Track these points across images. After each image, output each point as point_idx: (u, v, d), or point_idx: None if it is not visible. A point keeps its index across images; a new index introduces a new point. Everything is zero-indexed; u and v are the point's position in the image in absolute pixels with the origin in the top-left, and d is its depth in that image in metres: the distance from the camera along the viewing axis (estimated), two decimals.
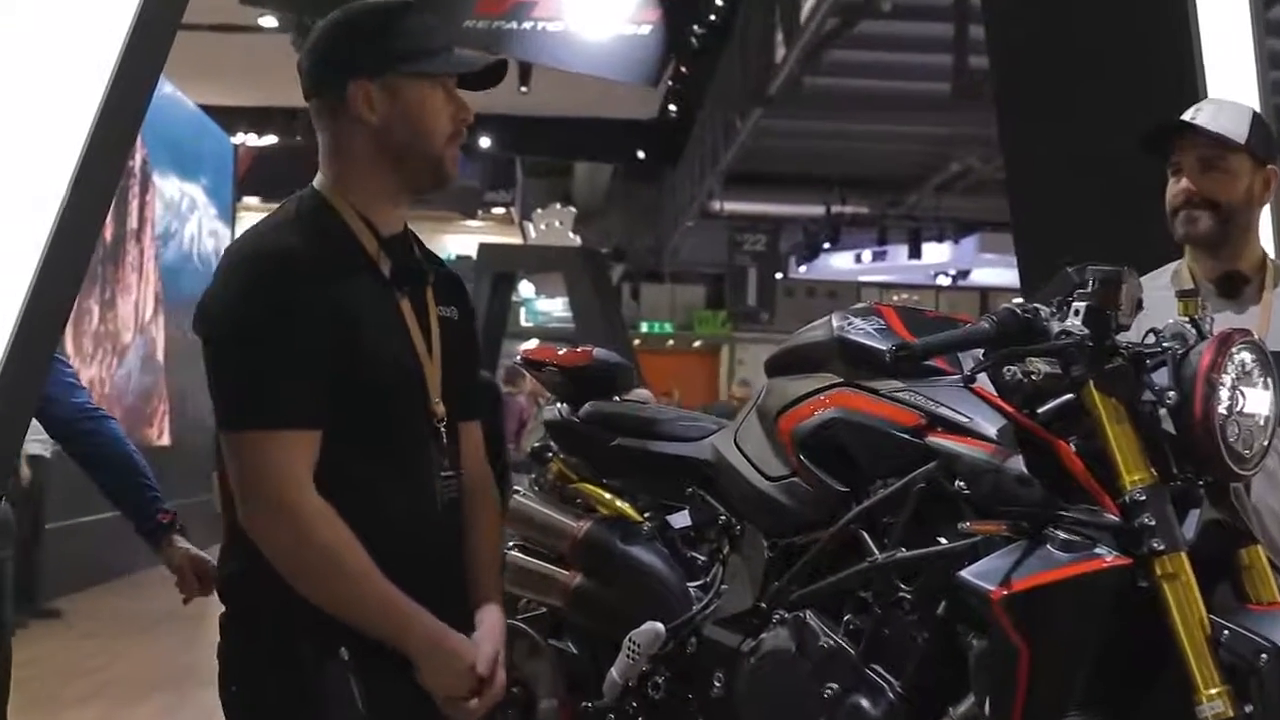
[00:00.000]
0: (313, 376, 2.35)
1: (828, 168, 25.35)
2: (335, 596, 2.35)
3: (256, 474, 2.34)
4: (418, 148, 2.49)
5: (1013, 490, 2.67)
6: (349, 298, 2.41)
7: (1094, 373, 2.67)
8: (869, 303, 3.25)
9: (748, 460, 3.20)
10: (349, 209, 2.49)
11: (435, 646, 2.39)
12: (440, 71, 2.49)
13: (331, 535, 2.34)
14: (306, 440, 2.35)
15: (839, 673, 2.84)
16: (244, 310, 2.36)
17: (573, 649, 3.50)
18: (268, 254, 2.41)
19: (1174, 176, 3.35)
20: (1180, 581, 2.55)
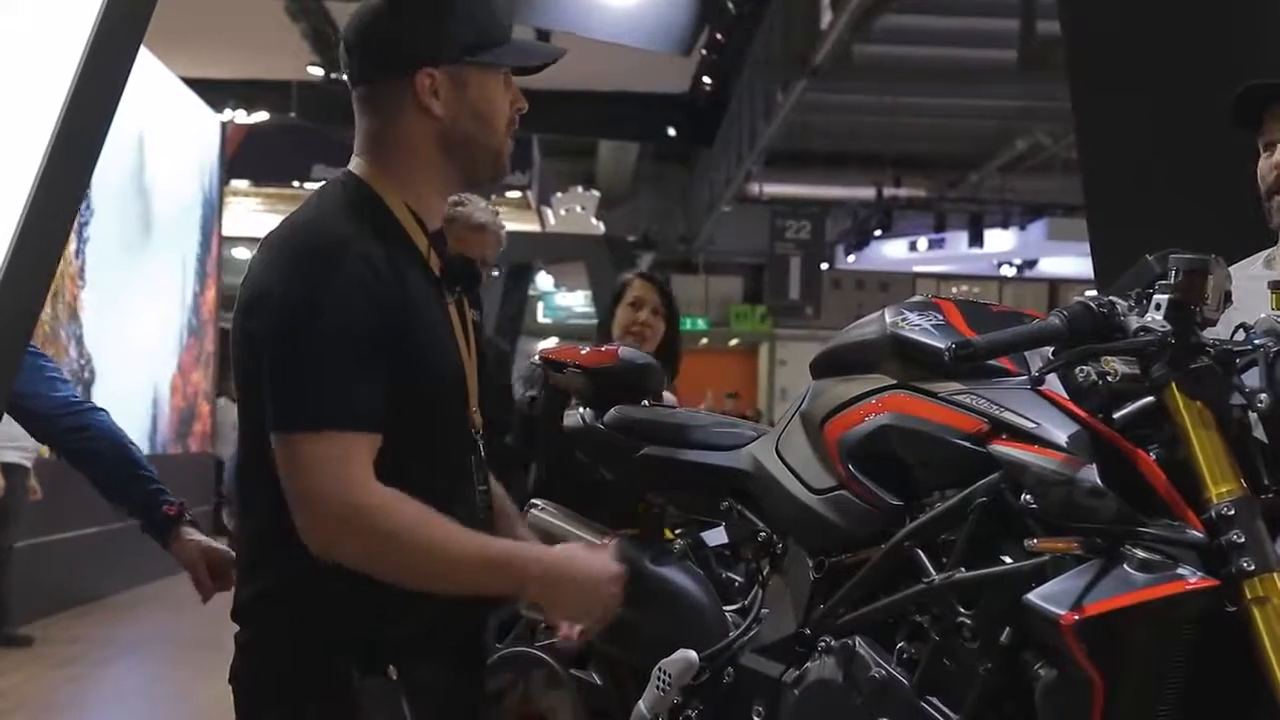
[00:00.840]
0: (374, 377, 2.41)
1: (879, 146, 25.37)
2: (436, 574, 2.42)
3: (324, 478, 2.37)
4: (481, 140, 2.59)
5: (1085, 504, 2.66)
6: (409, 292, 2.47)
7: (1177, 373, 2.66)
8: (925, 296, 3.25)
9: (790, 471, 3.20)
10: (399, 202, 2.56)
11: (559, 574, 2.50)
12: (508, 63, 2.60)
13: (408, 516, 2.39)
14: (365, 442, 2.40)
15: (892, 706, 2.84)
16: (303, 302, 2.40)
17: (596, 679, 3.50)
18: (328, 242, 2.45)
19: (1266, 151, 3.35)
20: (1273, 605, 2.53)
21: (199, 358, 17.60)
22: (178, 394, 16.45)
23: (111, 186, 13.61)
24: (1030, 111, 21.64)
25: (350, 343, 2.38)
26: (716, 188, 27.94)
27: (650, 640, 3.28)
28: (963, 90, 22.05)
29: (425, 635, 2.51)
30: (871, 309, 3.18)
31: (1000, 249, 29.62)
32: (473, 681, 2.68)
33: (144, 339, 15.26)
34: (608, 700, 3.42)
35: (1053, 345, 2.78)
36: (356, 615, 2.45)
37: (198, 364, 17.55)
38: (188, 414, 16.89)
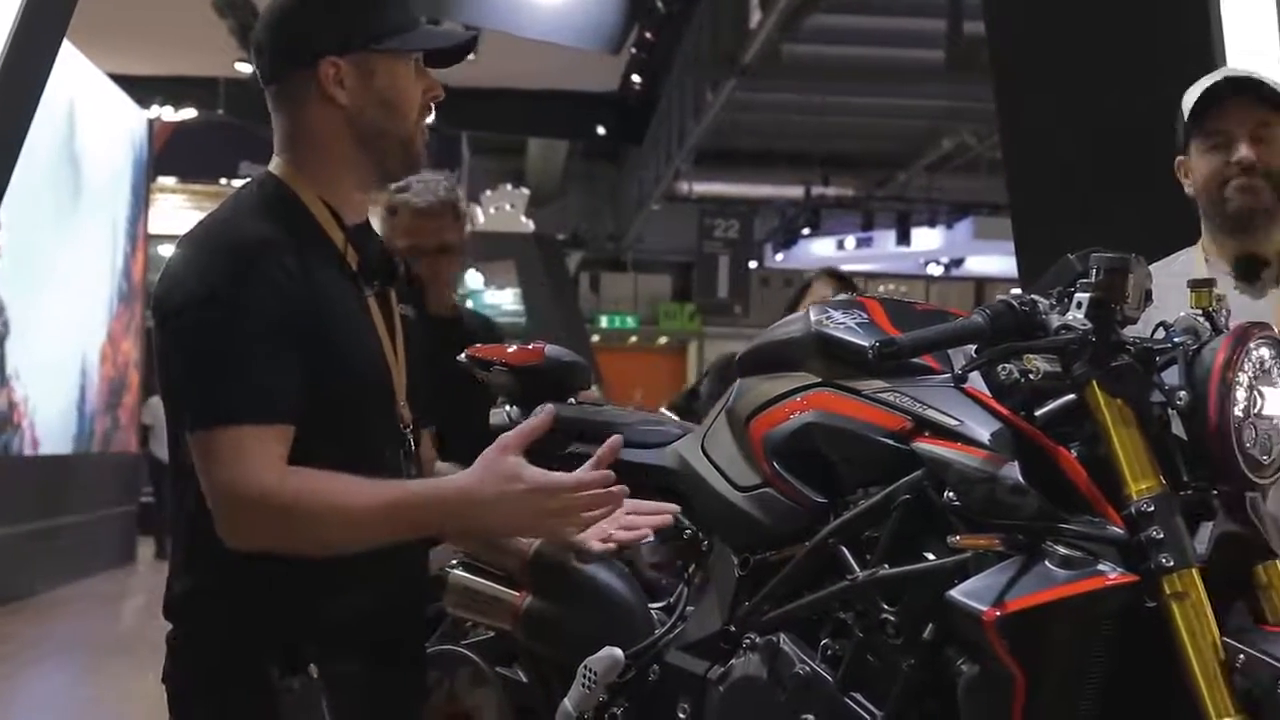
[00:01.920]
0: (286, 370, 2.40)
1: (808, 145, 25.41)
2: (351, 533, 2.41)
3: (237, 471, 2.37)
4: (390, 129, 2.56)
5: (1007, 501, 2.68)
6: (322, 291, 2.47)
7: (1098, 371, 2.68)
8: (850, 294, 3.26)
9: (716, 469, 3.20)
10: (314, 197, 2.56)
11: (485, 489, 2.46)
12: (415, 48, 2.57)
13: (312, 483, 2.38)
14: (274, 435, 2.40)
15: (815, 702, 2.84)
16: (212, 298, 2.40)
17: (522, 677, 3.49)
18: (242, 241, 2.46)
19: (1215, 150, 3.37)
20: (1191, 601, 2.56)
21: (129, 326, 17.42)
22: (108, 363, 16.30)
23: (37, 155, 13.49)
24: (957, 111, 21.75)
25: (260, 338, 2.38)
26: (645, 186, 27.94)
27: (576, 638, 3.28)
28: (891, 90, 22.14)
29: (347, 633, 2.50)
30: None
31: (927, 248, 29.76)
32: (399, 680, 2.66)
33: (70, 306, 15.10)
34: (533, 698, 3.42)
35: (976, 343, 2.79)
36: (278, 614, 2.45)
37: (128, 332, 17.38)
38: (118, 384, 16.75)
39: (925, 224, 28.71)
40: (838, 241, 30.41)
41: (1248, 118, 3.36)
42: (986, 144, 22.09)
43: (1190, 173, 3.45)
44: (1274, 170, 3.36)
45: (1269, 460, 2.70)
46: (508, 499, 2.46)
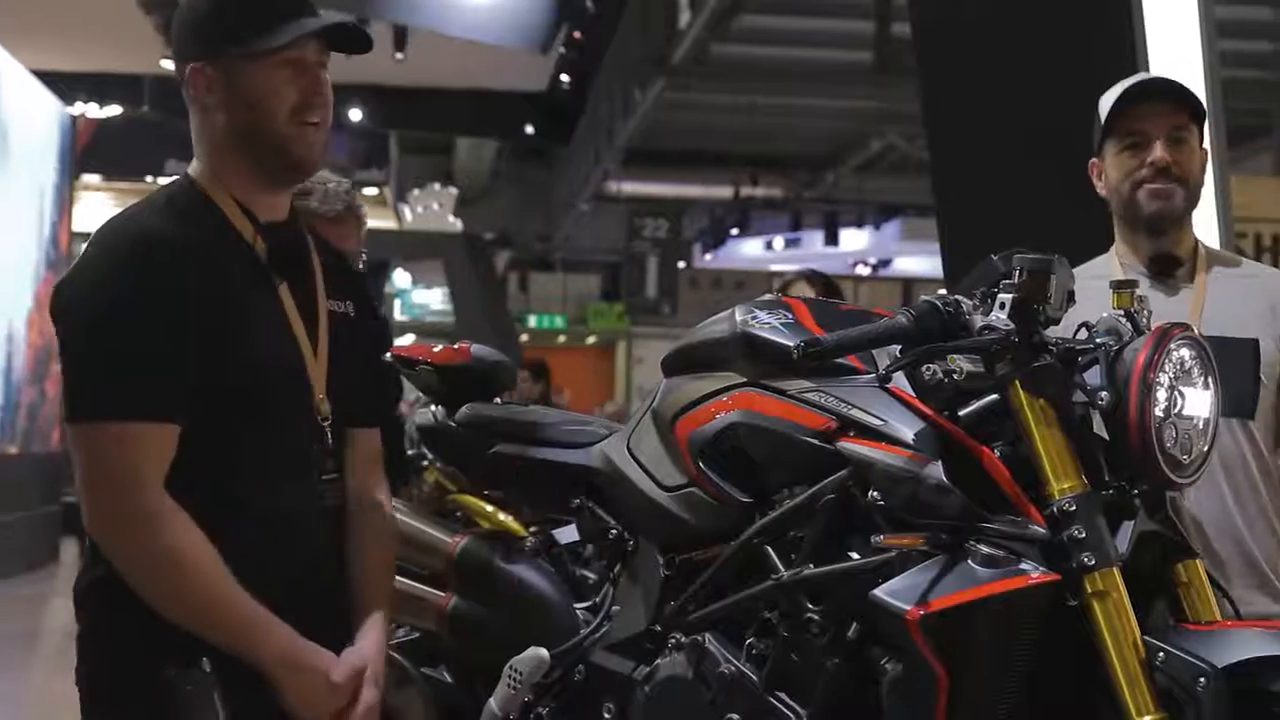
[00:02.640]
0: (170, 367, 2.39)
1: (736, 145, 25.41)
2: (184, 606, 2.40)
3: (102, 469, 2.39)
4: (260, 130, 2.53)
5: (931, 500, 2.69)
6: (220, 285, 2.46)
7: (1020, 371, 2.70)
8: (776, 294, 3.27)
9: (641, 468, 3.20)
10: (224, 194, 2.56)
11: (292, 662, 2.43)
12: (267, 49, 2.51)
13: (180, 538, 2.38)
14: (158, 434, 2.40)
15: (741, 701, 2.85)
16: (100, 294, 2.42)
17: (447, 678, 3.49)
18: (130, 237, 2.47)
19: (1134, 149, 3.39)
20: (1112, 599, 2.58)
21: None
22: (34, 330, 16.08)
23: None
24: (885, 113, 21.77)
25: (143, 331, 2.38)
26: (574, 186, 27.90)
27: (501, 638, 3.28)
28: (819, 91, 22.16)
29: None
30: (727, 307, 3.18)
31: (855, 248, 29.84)
32: None
33: None
34: (459, 699, 3.42)
35: (900, 344, 2.80)
36: None
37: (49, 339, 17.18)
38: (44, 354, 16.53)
39: (853, 225, 28.79)
40: (766, 242, 30.45)
41: (1164, 121, 3.39)
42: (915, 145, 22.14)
43: (1104, 174, 3.47)
44: (1186, 174, 3.39)
45: (1189, 460, 2.72)
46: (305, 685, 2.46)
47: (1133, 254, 3.45)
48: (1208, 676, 2.49)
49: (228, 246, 2.52)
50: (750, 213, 28.59)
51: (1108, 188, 3.47)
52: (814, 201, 28.68)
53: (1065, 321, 2.80)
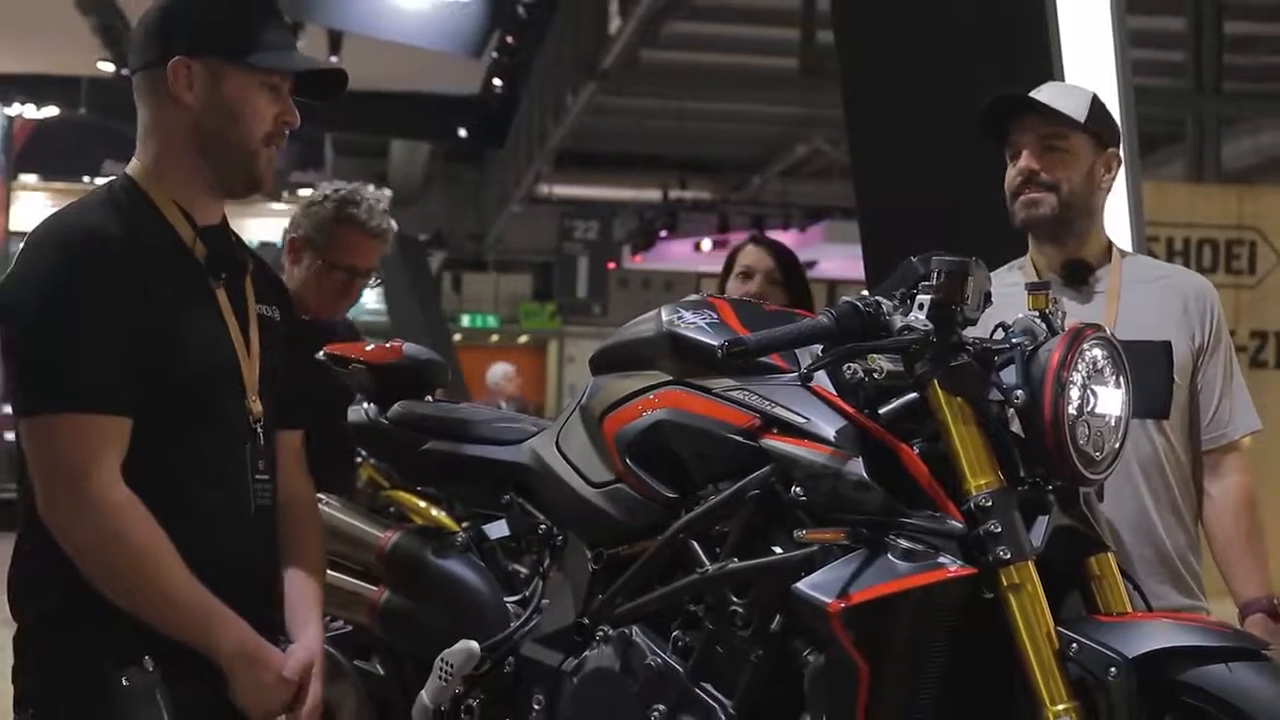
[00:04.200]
0: (118, 361, 2.39)
1: (666, 149, 25.46)
2: (142, 597, 2.39)
3: (58, 461, 2.37)
4: (231, 140, 2.53)
5: (852, 496, 2.71)
6: (160, 284, 2.46)
7: (938, 370, 2.72)
8: (702, 294, 3.28)
9: (570, 465, 3.20)
10: (164, 195, 2.55)
11: (247, 655, 2.43)
12: (267, 66, 2.53)
13: (139, 529, 2.38)
14: (113, 426, 2.39)
15: (666, 693, 2.86)
16: (46, 290, 2.40)
17: (379, 670, 3.48)
18: (73, 233, 2.46)
19: (1012, 159, 3.43)
20: (1027, 592, 2.60)
21: None
22: None
23: None
24: (810, 118, 21.84)
25: (90, 325, 2.37)
26: (506, 188, 27.83)
27: (432, 631, 3.27)
28: (747, 96, 22.21)
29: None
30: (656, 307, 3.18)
31: None
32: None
33: None
34: (391, 691, 3.41)
35: (822, 343, 2.81)
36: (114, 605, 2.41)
37: None
38: None
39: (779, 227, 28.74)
40: (694, 244, 30.39)
41: (1034, 131, 3.40)
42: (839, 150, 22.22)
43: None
44: (1059, 178, 3.39)
45: (1101, 456, 2.75)
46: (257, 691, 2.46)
47: (1044, 262, 3.47)
48: (1118, 666, 2.52)
49: (168, 248, 2.52)
50: (679, 215, 28.57)
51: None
52: (741, 204, 28.72)
53: (982, 322, 2.82)
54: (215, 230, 2.59)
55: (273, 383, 2.63)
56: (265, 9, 2.59)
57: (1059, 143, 3.39)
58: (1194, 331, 3.43)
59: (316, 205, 4.21)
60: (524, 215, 29.47)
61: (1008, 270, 3.47)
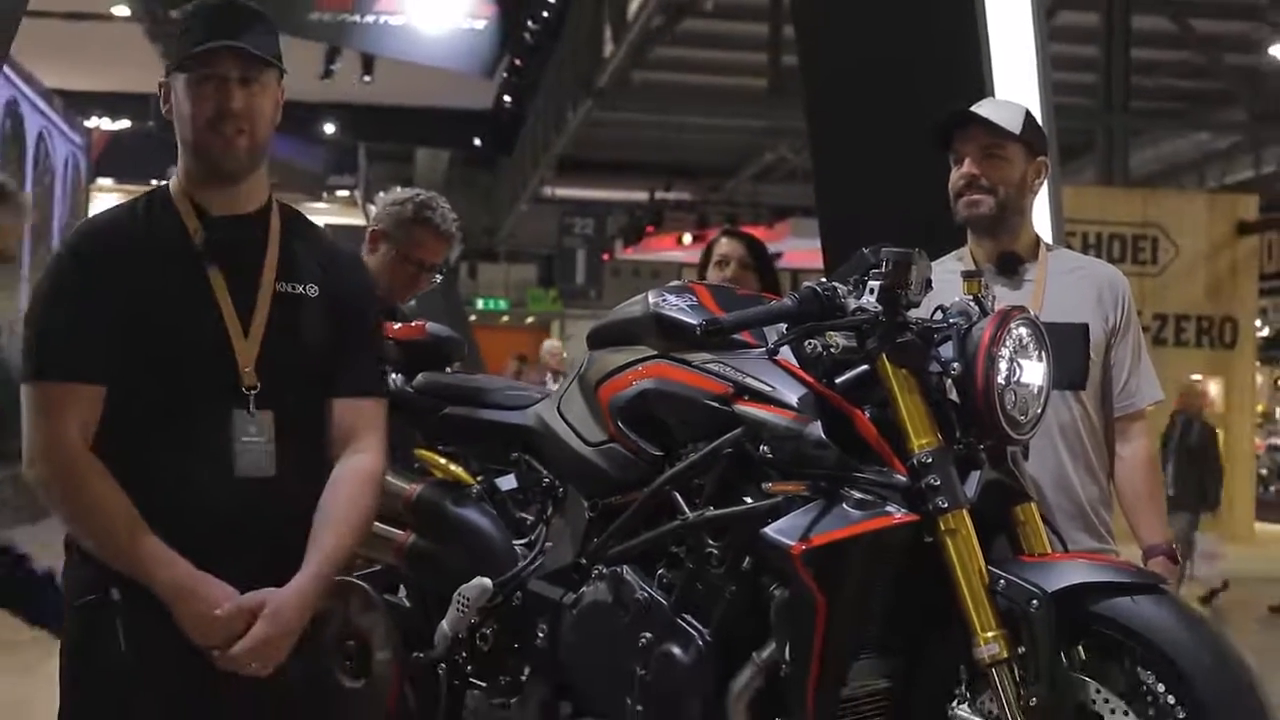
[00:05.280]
0: (88, 338, 2.37)
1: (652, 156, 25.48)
2: (95, 541, 2.37)
3: (32, 422, 2.38)
4: (188, 136, 2.50)
5: (812, 454, 2.70)
6: (144, 273, 2.42)
7: (886, 346, 2.71)
8: (683, 281, 3.27)
9: (570, 427, 3.20)
10: (180, 193, 2.52)
11: (183, 591, 2.34)
12: (186, 66, 2.48)
13: (92, 484, 2.35)
14: (73, 394, 2.37)
15: (653, 623, 2.85)
16: (45, 280, 2.44)
17: (406, 604, 3.48)
18: (76, 235, 2.50)
19: (956, 164, 3.42)
20: (961, 536, 2.60)
21: None
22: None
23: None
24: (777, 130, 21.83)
25: (65, 308, 2.39)
26: (515, 190, 27.82)
27: (451, 570, 3.27)
28: (722, 111, 22.22)
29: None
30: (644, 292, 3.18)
31: None
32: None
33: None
34: (416, 621, 3.40)
35: (786, 323, 2.81)
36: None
37: None
38: None
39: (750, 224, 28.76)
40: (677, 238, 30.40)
41: (976, 142, 3.39)
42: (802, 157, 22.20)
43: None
44: (997, 181, 3.38)
45: (1025, 419, 2.75)
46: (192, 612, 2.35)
47: (981, 254, 3.47)
48: (1039, 599, 2.52)
49: (167, 240, 2.47)
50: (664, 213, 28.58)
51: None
52: (717, 204, 28.70)
53: (924, 305, 2.82)
54: (230, 220, 2.52)
55: (285, 355, 2.51)
56: (204, 13, 2.50)
57: (997, 151, 3.39)
58: (1108, 315, 3.44)
59: (398, 205, 4.21)
60: (530, 214, 29.46)
61: (949, 260, 3.47)
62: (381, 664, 3.42)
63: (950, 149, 3.43)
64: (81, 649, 2.38)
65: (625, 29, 16.93)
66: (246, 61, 2.48)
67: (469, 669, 3.28)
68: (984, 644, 2.55)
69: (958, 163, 3.41)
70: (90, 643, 2.36)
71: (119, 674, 2.34)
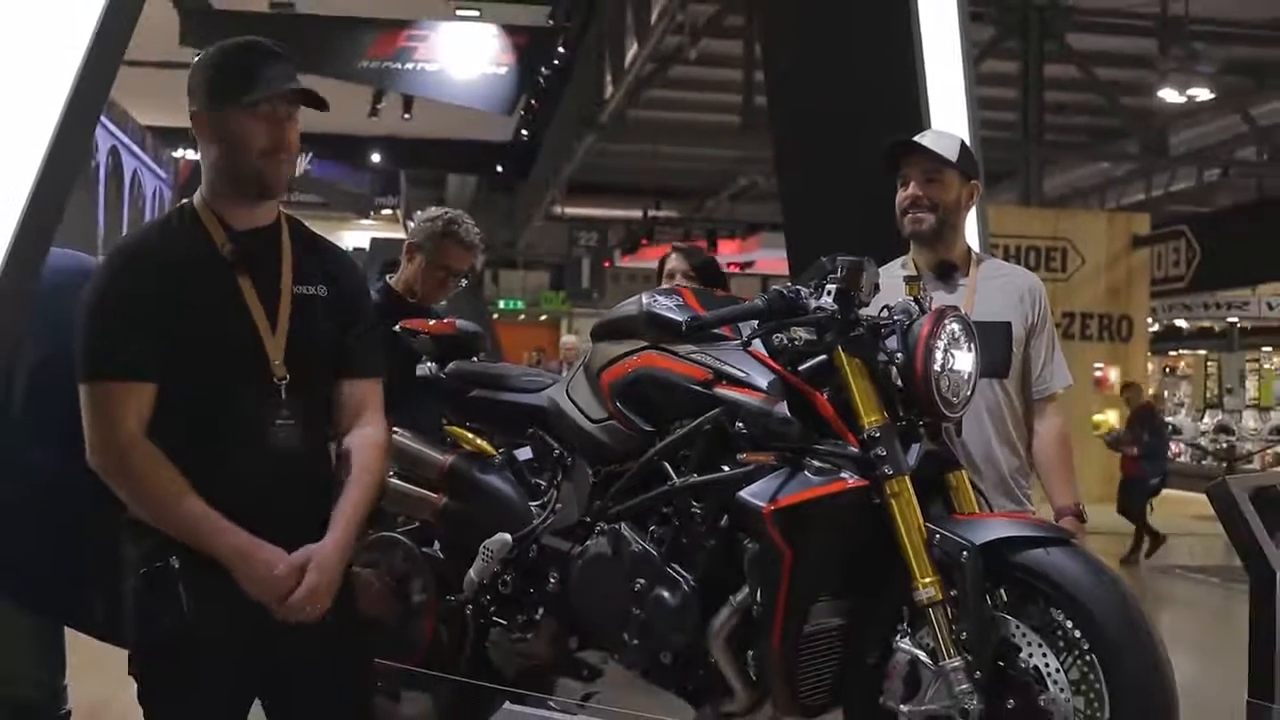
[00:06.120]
0: (137, 341, 2.31)
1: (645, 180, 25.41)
2: (156, 515, 2.31)
3: (93, 415, 2.31)
4: (239, 164, 2.42)
5: (779, 429, 2.70)
6: (183, 280, 2.37)
7: (841, 339, 2.71)
8: (672, 285, 3.26)
9: (576, 407, 3.18)
10: (207, 210, 2.45)
11: (242, 555, 2.30)
12: (243, 106, 2.40)
13: (152, 468, 2.30)
14: (129, 391, 2.31)
15: (646, 571, 2.85)
16: (94, 291, 2.36)
17: (440, 555, 3.47)
18: (116, 250, 2.43)
19: (902, 186, 3.41)
20: (904, 498, 2.60)
21: None
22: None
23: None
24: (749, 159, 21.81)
25: (115, 314, 2.32)
26: (531, 209, 27.78)
27: (478, 527, 3.26)
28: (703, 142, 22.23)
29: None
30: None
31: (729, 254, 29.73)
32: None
33: None
34: (448, 570, 3.39)
35: (758, 320, 2.80)
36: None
37: None
38: None
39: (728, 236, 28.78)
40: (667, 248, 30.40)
41: (919, 167, 3.38)
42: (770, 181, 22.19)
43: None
44: (938, 201, 3.36)
45: (957, 400, 2.75)
46: (248, 581, 2.31)
47: (922, 261, 3.46)
48: (969, 550, 2.52)
49: (198, 252, 2.41)
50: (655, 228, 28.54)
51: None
52: (700, 221, 28.70)
53: (873, 305, 2.81)
54: (251, 233, 2.46)
55: (307, 348, 2.46)
56: (247, 57, 2.45)
57: (937, 175, 3.37)
58: (1027, 314, 3.43)
59: (430, 221, 4.21)
60: (543, 229, 29.43)
61: (894, 266, 3.46)
62: (419, 605, 3.41)
63: (897, 173, 3.42)
64: (149, 614, 2.32)
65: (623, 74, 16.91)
66: (292, 100, 2.44)
67: (492, 610, 3.27)
68: (922, 588, 2.54)
69: (903, 184, 3.40)
70: (157, 607, 2.31)
71: (185, 633, 2.29)
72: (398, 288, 4.22)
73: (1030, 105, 17.49)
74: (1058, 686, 2.47)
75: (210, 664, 2.33)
